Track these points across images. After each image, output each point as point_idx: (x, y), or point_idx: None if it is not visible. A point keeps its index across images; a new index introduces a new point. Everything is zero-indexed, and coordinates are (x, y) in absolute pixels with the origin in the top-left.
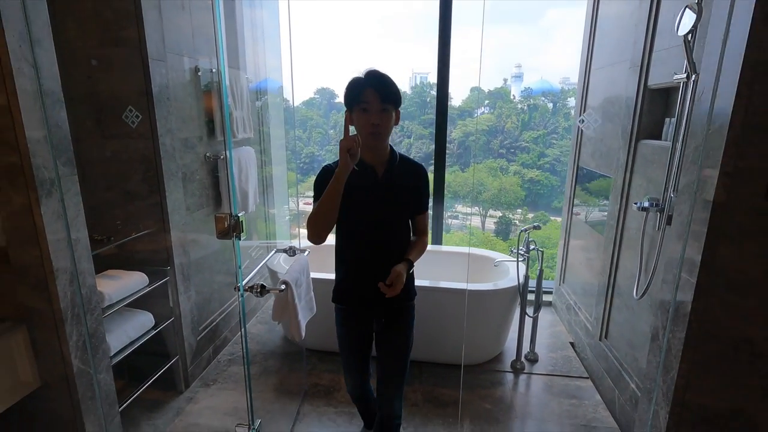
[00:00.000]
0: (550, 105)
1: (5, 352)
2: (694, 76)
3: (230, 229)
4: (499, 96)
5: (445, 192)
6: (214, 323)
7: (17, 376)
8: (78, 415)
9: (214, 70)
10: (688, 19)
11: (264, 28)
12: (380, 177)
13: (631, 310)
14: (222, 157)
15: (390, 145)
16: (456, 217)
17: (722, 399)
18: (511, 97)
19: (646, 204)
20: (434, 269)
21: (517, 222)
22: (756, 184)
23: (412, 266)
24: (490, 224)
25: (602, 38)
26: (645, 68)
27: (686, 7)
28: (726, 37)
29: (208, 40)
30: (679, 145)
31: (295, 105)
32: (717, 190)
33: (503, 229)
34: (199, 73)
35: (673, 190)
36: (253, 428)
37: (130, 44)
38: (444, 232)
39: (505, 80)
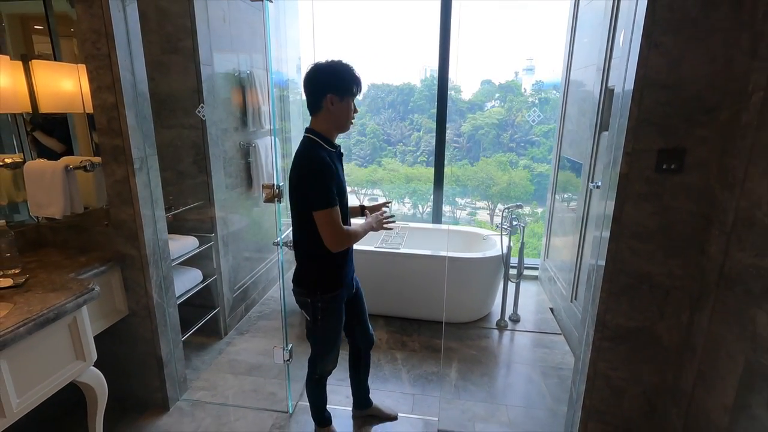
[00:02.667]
0: None
1: (107, 287)
2: None
3: (274, 195)
4: (510, 89)
5: (453, 183)
6: (245, 286)
7: (114, 305)
8: (156, 337)
9: (248, 72)
10: None
11: (285, 26)
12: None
13: None
14: (253, 145)
15: None
16: (464, 210)
17: (631, 319)
18: (522, 90)
19: (600, 183)
20: (432, 243)
21: (526, 216)
22: (647, 161)
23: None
24: (499, 218)
25: (580, 43)
26: (606, 72)
27: None
28: (628, 57)
29: (243, 46)
30: None
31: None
32: (622, 165)
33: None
34: (235, 74)
35: None
36: (286, 349)
37: (186, 52)
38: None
39: (517, 73)
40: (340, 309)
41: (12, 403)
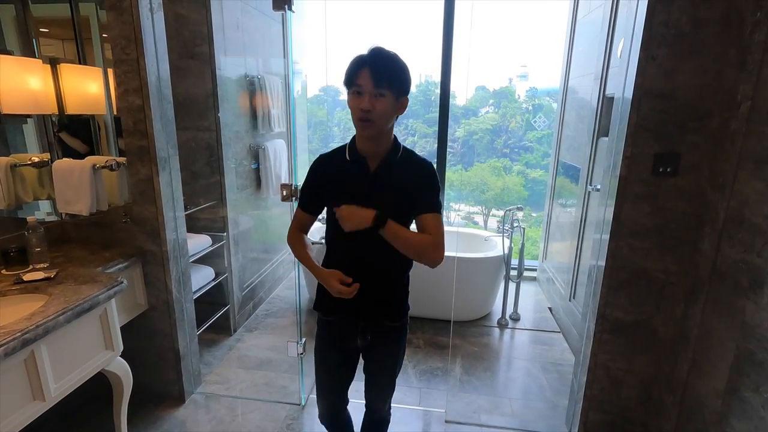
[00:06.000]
0: (555, 105)
1: (129, 282)
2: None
3: (291, 193)
4: (504, 95)
5: (447, 188)
6: (253, 285)
7: (135, 300)
8: (174, 331)
9: (258, 76)
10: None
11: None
12: (372, 170)
13: None
14: (263, 147)
15: (395, 137)
16: (458, 214)
17: (629, 313)
18: (516, 97)
19: (599, 186)
20: None
21: (520, 221)
22: (644, 164)
23: (383, 224)
24: (493, 223)
25: (578, 53)
26: (604, 80)
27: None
28: (627, 68)
29: (254, 51)
30: None
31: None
32: (622, 168)
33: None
34: (247, 78)
35: None
36: (300, 343)
37: (202, 58)
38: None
39: (510, 80)
40: (325, 341)
41: (50, 387)
